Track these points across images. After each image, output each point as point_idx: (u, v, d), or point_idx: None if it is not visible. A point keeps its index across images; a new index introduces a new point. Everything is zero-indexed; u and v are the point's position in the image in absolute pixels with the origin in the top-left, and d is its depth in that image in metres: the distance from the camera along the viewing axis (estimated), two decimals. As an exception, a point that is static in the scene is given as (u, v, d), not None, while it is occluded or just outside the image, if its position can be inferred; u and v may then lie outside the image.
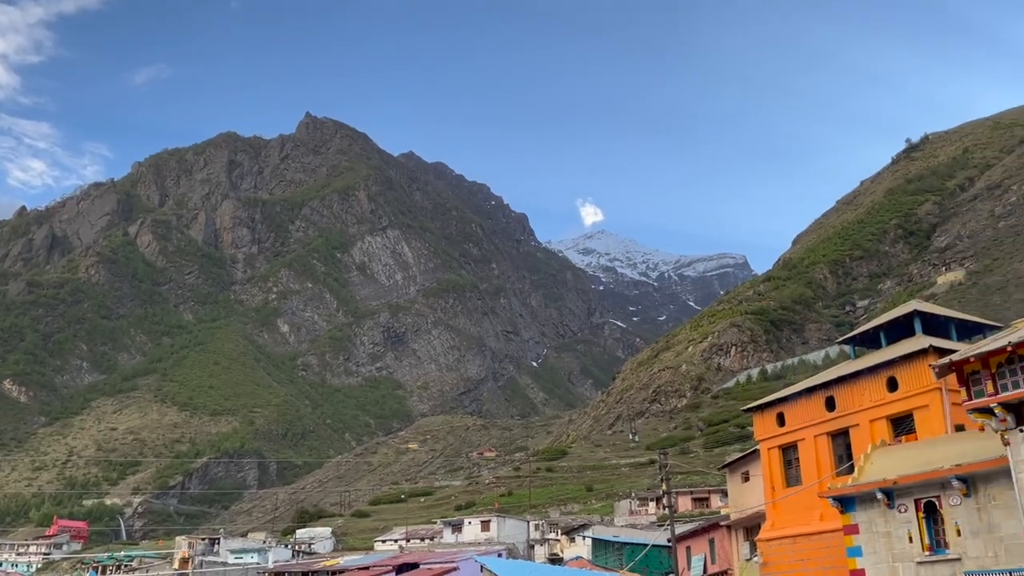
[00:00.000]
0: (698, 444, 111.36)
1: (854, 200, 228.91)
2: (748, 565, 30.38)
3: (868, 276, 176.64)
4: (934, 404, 22.29)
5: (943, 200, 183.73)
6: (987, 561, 17.63)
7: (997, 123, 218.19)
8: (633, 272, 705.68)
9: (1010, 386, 16.65)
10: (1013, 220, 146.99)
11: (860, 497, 20.76)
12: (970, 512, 18.36)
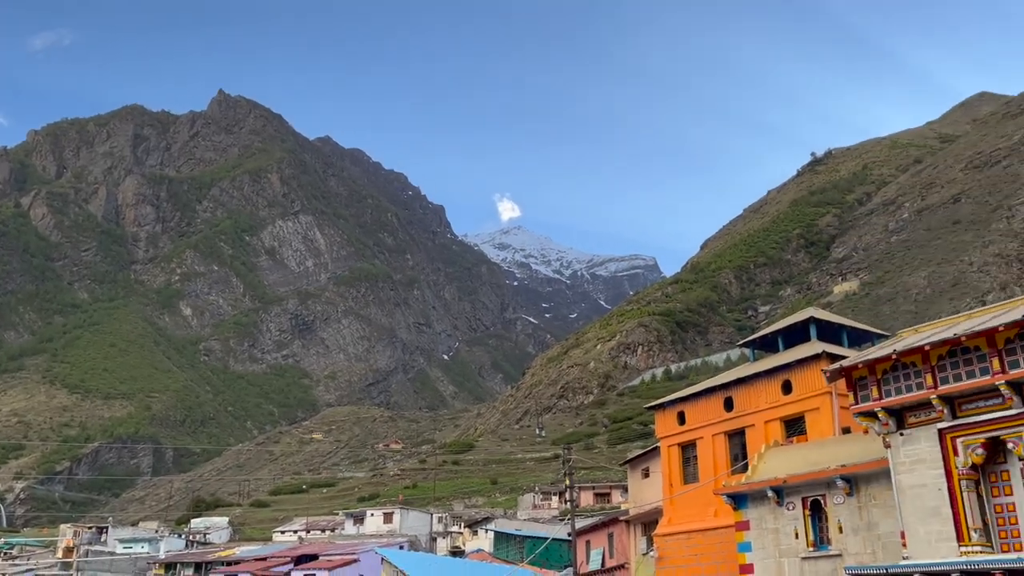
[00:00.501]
0: (602, 440, 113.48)
1: (761, 209, 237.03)
2: (644, 559, 31.13)
3: (771, 283, 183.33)
4: (824, 407, 23.33)
5: (843, 213, 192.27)
6: (865, 557, 18.58)
7: (895, 142, 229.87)
8: (547, 269, 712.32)
9: (893, 392, 17.55)
10: (905, 235, 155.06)
11: (752, 495, 21.56)
12: (852, 511, 19.32)
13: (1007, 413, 15.68)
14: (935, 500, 16.56)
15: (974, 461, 16.14)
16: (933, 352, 16.76)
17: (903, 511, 17.12)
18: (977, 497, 16.19)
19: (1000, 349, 15.72)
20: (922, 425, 17.16)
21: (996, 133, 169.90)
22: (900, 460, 17.41)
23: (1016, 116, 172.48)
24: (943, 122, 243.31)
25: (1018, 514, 15.82)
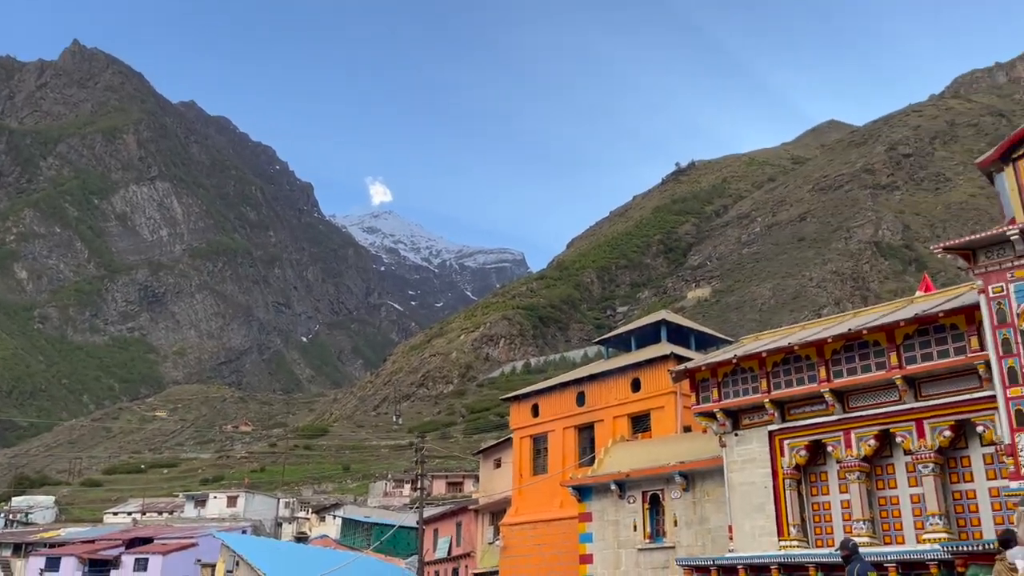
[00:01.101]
0: (459, 430, 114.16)
1: (626, 213, 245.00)
2: (490, 548, 31.56)
3: (630, 284, 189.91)
4: (669, 406, 24.43)
5: (701, 223, 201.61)
6: (695, 550, 19.61)
7: (752, 160, 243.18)
8: (416, 256, 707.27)
9: (731, 394, 18.57)
10: (755, 248, 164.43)
11: (596, 487, 22.28)
12: (687, 505, 20.34)
13: (829, 419, 16.92)
14: (761, 497, 17.67)
15: (798, 462, 17.33)
16: (769, 359, 17.85)
17: (732, 507, 18.17)
18: (798, 496, 17.40)
19: (827, 359, 16.92)
20: (755, 427, 18.25)
21: (841, 159, 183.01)
22: (733, 459, 18.45)
23: (860, 145, 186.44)
24: (796, 145, 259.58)
25: (832, 512, 17.14)
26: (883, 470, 16.55)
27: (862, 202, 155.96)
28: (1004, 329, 13.41)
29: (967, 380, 15.00)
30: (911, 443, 15.65)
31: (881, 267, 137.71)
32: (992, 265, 13.83)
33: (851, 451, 16.44)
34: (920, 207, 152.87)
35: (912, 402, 15.77)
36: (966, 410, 14.98)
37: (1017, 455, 12.87)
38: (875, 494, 16.49)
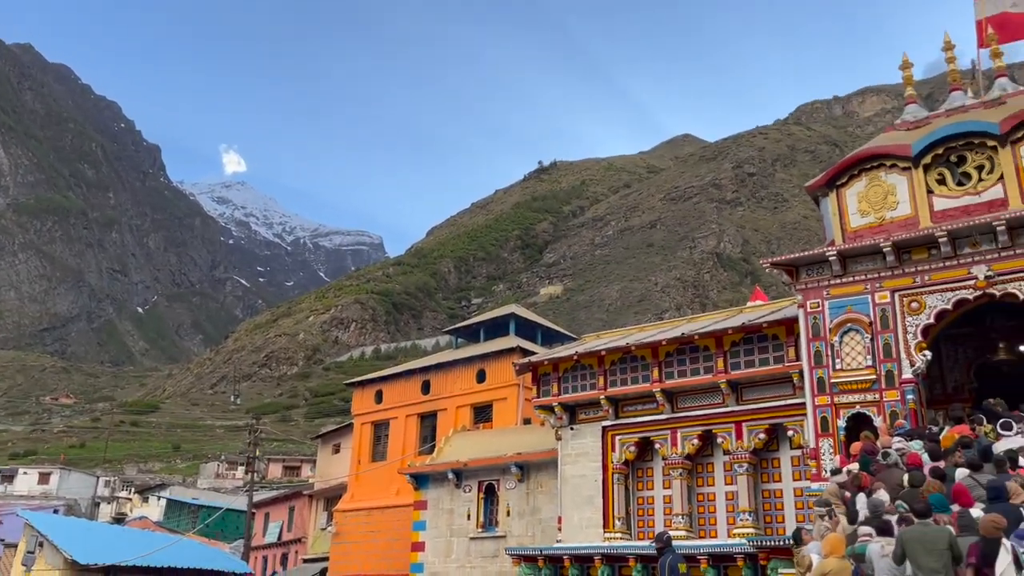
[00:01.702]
0: (301, 413, 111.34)
1: (487, 206, 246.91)
2: (323, 534, 31.01)
3: (486, 277, 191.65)
4: (511, 398, 24.87)
5: (558, 222, 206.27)
6: (526, 539, 20.08)
7: (611, 165, 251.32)
8: (268, 232, 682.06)
9: (570, 389, 19.13)
10: (607, 250, 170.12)
11: (434, 476, 22.35)
12: (521, 496, 20.78)
13: (659, 417, 17.77)
14: (591, 490, 18.31)
15: (627, 457, 18.09)
16: (608, 357, 18.52)
17: (563, 498, 18.73)
18: (625, 490, 18.17)
19: (661, 361, 17.76)
20: (590, 422, 18.89)
21: (692, 172, 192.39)
22: (567, 452, 19.02)
23: (710, 160, 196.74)
24: (652, 154, 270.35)
25: (655, 506, 18.02)
26: (703, 468, 17.56)
27: (708, 215, 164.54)
28: (817, 342, 14.51)
29: (783, 387, 16.16)
30: (730, 444, 16.69)
31: (720, 277, 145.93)
32: (812, 282, 14.93)
33: (676, 449, 17.34)
34: (759, 224, 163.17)
35: (734, 405, 16.82)
36: (780, 415, 16.15)
37: (820, 459, 13.96)
38: (695, 490, 17.47)
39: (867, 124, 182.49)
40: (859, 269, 14.49)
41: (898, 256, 14.01)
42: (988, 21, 15.63)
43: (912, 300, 13.86)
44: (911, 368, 13.52)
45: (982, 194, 13.63)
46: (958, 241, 13.52)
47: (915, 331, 13.66)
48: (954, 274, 13.52)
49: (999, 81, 14.88)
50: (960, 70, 15.76)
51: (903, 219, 14.21)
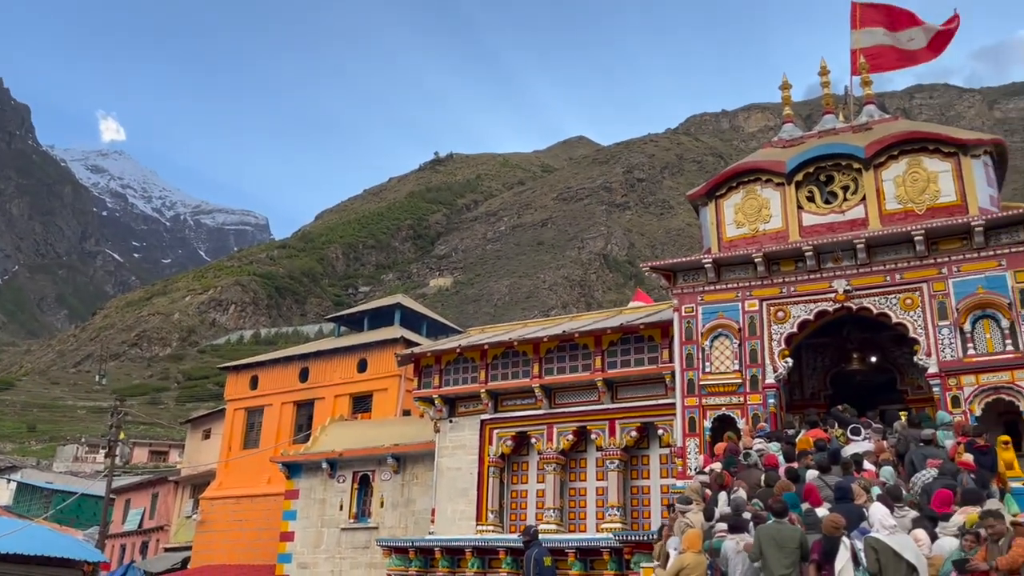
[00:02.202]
0: (172, 397, 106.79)
1: (380, 193, 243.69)
2: (187, 522, 29.86)
3: (375, 265, 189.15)
4: (392, 388, 24.67)
5: (451, 214, 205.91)
6: (398, 531, 19.97)
7: (506, 161, 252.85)
8: (146, 205, 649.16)
9: (451, 382, 19.15)
10: (498, 245, 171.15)
11: (307, 465, 21.89)
12: (396, 487, 20.64)
13: (536, 412, 18.02)
14: (466, 483, 18.39)
15: (504, 451, 18.27)
16: (491, 351, 18.63)
17: (438, 490, 18.74)
18: (500, 483, 18.35)
19: (542, 357, 18.02)
20: (469, 415, 18.96)
21: (584, 174, 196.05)
22: (445, 444, 19.03)
23: (603, 163, 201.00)
24: (547, 154, 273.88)
25: (528, 500, 18.28)
26: (576, 463, 17.94)
27: (597, 216, 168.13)
28: (689, 345, 15.07)
29: (656, 387, 16.69)
30: (603, 440, 17.12)
31: (606, 278, 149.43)
32: (687, 288, 15.49)
33: (552, 444, 17.64)
34: (645, 228, 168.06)
35: (609, 403, 17.26)
36: (651, 414, 16.68)
37: (686, 457, 14.52)
38: (567, 485, 17.83)
39: (751, 139, 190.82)
40: (732, 277, 15.14)
41: (768, 267, 14.72)
42: (862, 51, 16.61)
43: (778, 309, 14.60)
44: (774, 374, 14.24)
45: (846, 213, 14.49)
46: (822, 256, 14.33)
47: (780, 339, 14.40)
48: (817, 287, 14.33)
49: (867, 108, 15.85)
50: (834, 95, 16.71)
51: (774, 232, 14.94)
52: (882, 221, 14.05)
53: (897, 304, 13.64)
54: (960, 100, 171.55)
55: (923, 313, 13.36)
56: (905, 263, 13.74)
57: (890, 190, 14.18)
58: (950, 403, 12.68)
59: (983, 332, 12.91)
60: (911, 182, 14.03)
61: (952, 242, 13.47)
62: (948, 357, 12.95)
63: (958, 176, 13.73)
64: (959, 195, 13.64)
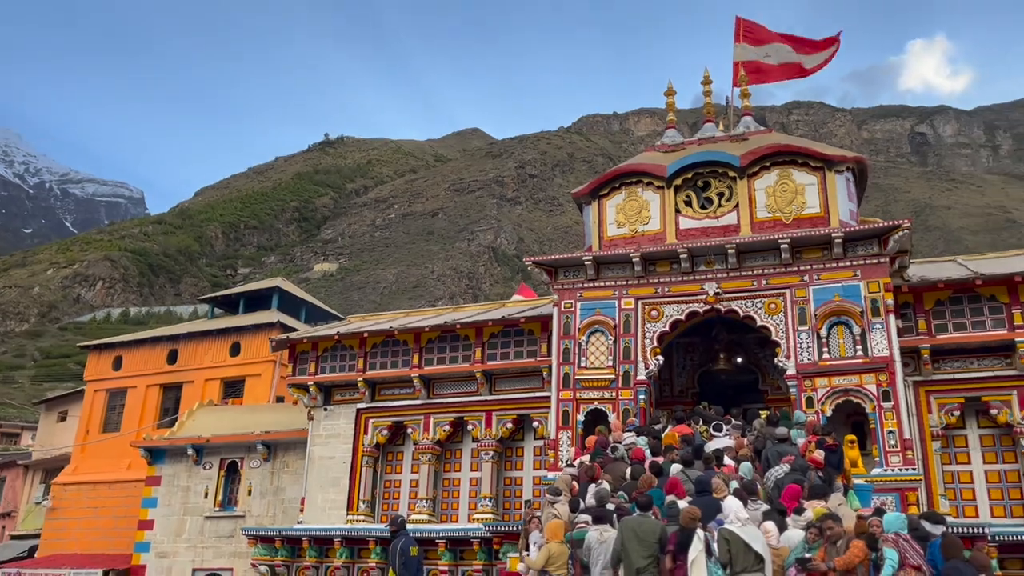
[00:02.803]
0: (27, 375, 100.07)
1: (266, 172, 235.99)
2: (36, 508, 28.08)
3: (257, 247, 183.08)
4: (266, 374, 23.97)
5: (340, 198, 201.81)
6: (266, 520, 19.43)
7: (399, 148, 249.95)
8: (7, 171, 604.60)
9: (328, 369, 18.77)
10: (387, 233, 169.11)
11: (171, 451, 20.98)
12: (265, 475, 20.06)
13: (414, 402, 17.91)
14: (339, 472, 18.08)
15: (379, 440, 18.06)
16: (370, 339, 18.38)
17: (309, 479, 18.34)
18: (373, 472, 18.14)
19: (422, 347, 17.92)
20: (345, 403, 18.64)
21: (477, 167, 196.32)
22: (318, 432, 18.64)
23: (496, 157, 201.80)
24: (440, 144, 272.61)
25: (402, 490, 18.14)
26: (452, 454, 17.96)
27: (488, 210, 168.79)
28: (567, 340, 15.33)
29: (533, 380, 16.90)
30: (480, 431, 17.20)
31: (494, 271, 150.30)
32: (568, 284, 15.75)
33: (428, 434, 17.57)
34: (535, 224, 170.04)
35: (487, 395, 17.34)
36: (528, 406, 16.88)
37: (558, 449, 14.77)
38: (441, 475, 17.82)
39: (640, 142, 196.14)
40: (611, 276, 15.50)
41: (645, 267, 15.15)
42: (743, 64, 17.32)
43: (652, 308, 15.06)
44: (646, 371, 14.69)
45: (720, 219, 15.09)
46: (696, 259, 14.87)
47: (652, 337, 14.85)
48: (689, 288, 14.86)
49: (745, 119, 16.55)
50: (716, 104, 17.36)
51: (653, 234, 15.39)
52: (753, 228, 14.71)
53: (762, 308, 14.32)
54: (833, 119, 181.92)
55: (785, 317, 14.09)
56: (771, 269, 14.44)
57: (761, 199, 14.86)
58: (805, 403, 13.43)
59: (837, 337, 13.74)
60: (781, 192, 14.75)
61: (814, 252, 14.26)
62: (805, 360, 13.72)
63: (823, 189, 14.54)
64: (823, 207, 14.44)
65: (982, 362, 14.13)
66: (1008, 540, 12.53)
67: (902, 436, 12.88)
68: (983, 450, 14.20)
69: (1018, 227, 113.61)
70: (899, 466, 12.71)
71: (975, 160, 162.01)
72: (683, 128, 17.24)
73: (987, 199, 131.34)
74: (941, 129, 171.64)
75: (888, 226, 13.77)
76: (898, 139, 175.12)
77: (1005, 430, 13.92)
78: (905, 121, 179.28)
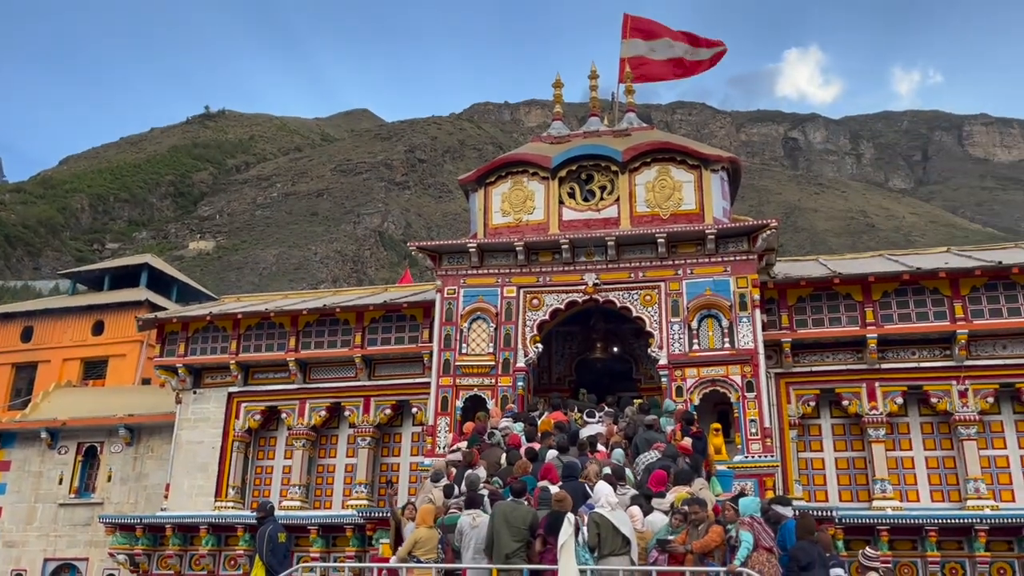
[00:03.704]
0: None
1: (139, 143, 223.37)
2: None
3: (128, 221, 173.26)
4: (131, 355, 22.85)
5: (220, 174, 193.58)
6: (127, 507, 18.56)
7: (284, 125, 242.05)
8: None
9: (199, 351, 18.06)
10: (269, 212, 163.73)
11: (22, 434, 19.72)
12: (127, 460, 19.14)
13: (289, 387, 17.48)
14: (207, 457, 17.45)
15: (251, 425, 17.53)
16: (244, 321, 17.78)
17: (175, 465, 17.62)
18: (244, 458, 17.60)
19: (300, 330, 17.50)
20: (216, 387, 18.00)
21: (366, 148, 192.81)
22: (187, 416, 17.92)
23: (385, 139, 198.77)
24: (328, 123, 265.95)
25: (274, 476, 17.68)
26: (328, 440, 17.64)
27: (376, 193, 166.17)
28: (449, 327, 15.33)
29: (414, 366, 16.81)
30: (357, 417, 16.98)
31: (380, 256, 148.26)
32: (452, 270, 15.73)
33: (303, 420, 17.21)
34: (423, 209, 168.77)
35: (366, 380, 17.13)
36: (407, 392, 16.78)
37: (436, 436, 14.77)
38: (316, 461, 17.48)
39: (530, 133, 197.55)
40: (494, 263, 15.59)
41: (528, 256, 15.32)
42: (629, 61, 17.73)
43: (534, 297, 15.26)
44: (525, 358, 14.87)
45: (602, 211, 15.42)
46: (577, 250, 15.16)
47: (533, 325, 15.06)
48: (570, 278, 15.14)
49: (629, 115, 16.96)
50: (603, 99, 17.71)
51: (536, 223, 15.57)
52: (632, 222, 15.12)
53: (638, 300, 14.76)
54: (714, 120, 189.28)
55: (659, 309, 14.57)
56: (648, 263, 14.89)
57: (641, 194, 15.29)
58: (675, 392, 13.96)
59: (707, 330, 14.33)
60: (659, 188, 15.22)
61: (689, 247, 14.80)
62: (676, 351, 14.24)
63: (699, 187, 15.09)
64: (698, 204, 15.00)
65: (836, 356, 15.09)
66: (853, 523, 13.49)
67: (763, 425, 13.58)
68: (834, 438, 15.18)
69: (877, 231, 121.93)
70: (759, 453, 13.40)
71: (841, 167, 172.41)
72: (572, 121, 17.52)
73: (850, 204, 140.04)
74: (812, 136, 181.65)
75: (757, 225, 14.46)
76: (772, 143, 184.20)
77: (855, 420, 14.91)
78: (779, 126, 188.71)
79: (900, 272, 14.74)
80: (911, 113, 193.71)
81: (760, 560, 8.07)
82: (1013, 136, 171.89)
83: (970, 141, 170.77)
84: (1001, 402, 14.52)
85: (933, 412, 14.66)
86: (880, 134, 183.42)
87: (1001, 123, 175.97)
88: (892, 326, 14.67)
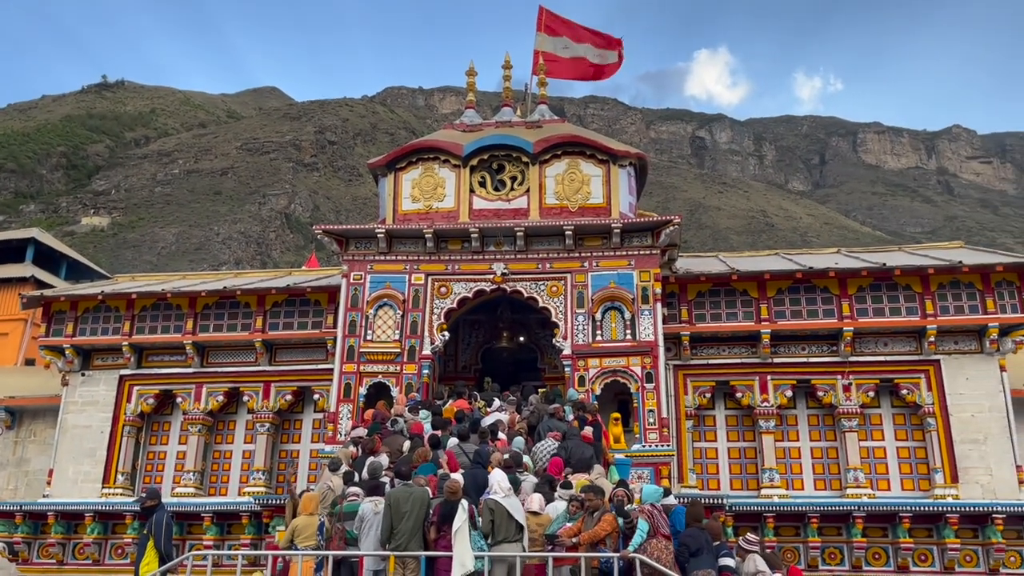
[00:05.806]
0: None
1: (29, 111, 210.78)
2: None
3: (15, 193, 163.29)
4: (14, 333, 21.69)
5: (116, 148, 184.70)
6: (6, 494, 17.65)
7: (188, 99, 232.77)
8: None
9: (89, 332, 17.27)
10: (169, 189, 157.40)
11: None
12: (7, 445, 18.19)
13: (185, 371, 16.92)
14: (95, 442, 16.73)
15: (144, 409, 16.89)
16: (139, 302, 17.11)
17: (60, 450, 16.83)
18: (135, 443, 16.95)
19: (198, 312, 16.95)
20: (107, 369, 17.27)
21: (273, 128, 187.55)
22: (73, 399, 17.13)
23: (294, 119, 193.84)
24: (234, 99, 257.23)
25: (167, 462, 17.09)
26: (225, 425, 17.17)
27: (283, 173, 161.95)
28: (354, 312, 15.15)
29: (317, 352, 16.52)
30: (256, 403, 16.58)
31: (286, 238, 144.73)
32: (359, 255, 15.53)
33: (199, 404, 16.70)
34: (332, 192, 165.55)
35: (266, 365, 16.74)
36: (309, 378, 16.48)
37: (338, 422, 14.59)
38: (212, 447, 16.99)
39: (444, 119, 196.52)
40: (403, 250, 15.48)
41: (437, 244, 15.28)
42: (543, 55, 17.85)
43: (442, 285, 15.24)
44: (431, 346, 14.85)
45: (512, 201, 15.52)
46: (486, 239, 15.21)
47: (440, 313, 15.04)
48: (479, 267, 15.19)
49: (541, 107, 17.10)
50: (516, 90, 17.79)
51: (447, 211, 15.54)
52: (541, 213, 15.27)
53: (545, 290, 14.94)
54: (625, 116, 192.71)
55: (565, 300, 14.80)
56: (556, 254, 15.09)
57: (551, 186, 15.46)
58: (577, 382, 14.21)
59: (610, 322, 14.64)
60: (569, 181, 15.42)
61: (595, 240, 15.06)
62: (580, 341, 14.50)
63: (607, 181, 15.37)
64: (606, 199, 15.28)
65: (732, 350, 15.66)
66: (742, 510, 14.07)
67: (660, 415, 13.99)
68: (728, 429, 15.76)
69: (776, 230, 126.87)
70: (656, 442, 13.81)
71: (744, 167, 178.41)
72: (486, 110, 17.54)
73: (752, 203, 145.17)
74: (718, 135, 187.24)
75: (660, 220, 14.84)
76: (680, 141, 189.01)
77: (747, 411, 15.52)
78: (687, 125, 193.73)
79: (794, 271, 15.40)
80: (811, 118, 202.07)
81: (658, 547, 8.31)
82: (903, 145, 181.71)
83: (864, 148, 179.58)
84: (881, 396, 15.37)
85: (819, 405, 15.40)
86: (782, 137, 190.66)
87: (892, 132, 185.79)
88: (785, 322, 15.31)
